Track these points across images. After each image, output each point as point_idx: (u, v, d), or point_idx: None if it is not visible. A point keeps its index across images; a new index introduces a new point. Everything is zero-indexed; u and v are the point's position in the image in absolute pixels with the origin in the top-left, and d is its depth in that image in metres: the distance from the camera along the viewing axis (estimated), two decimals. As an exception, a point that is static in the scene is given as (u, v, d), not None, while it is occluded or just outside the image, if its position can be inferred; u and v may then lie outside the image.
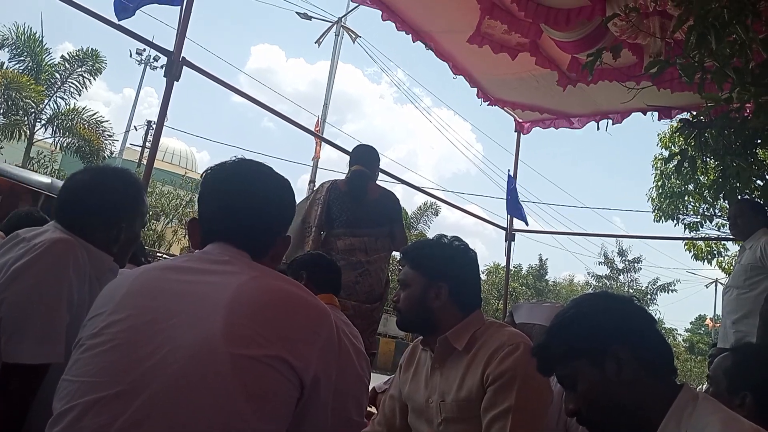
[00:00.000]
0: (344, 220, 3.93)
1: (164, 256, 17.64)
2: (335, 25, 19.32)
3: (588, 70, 3.20)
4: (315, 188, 4.23)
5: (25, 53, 18.07)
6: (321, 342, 1.21)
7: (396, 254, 4.24)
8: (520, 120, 6.77)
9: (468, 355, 1.85)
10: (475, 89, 6.00)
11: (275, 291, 1.22)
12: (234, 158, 1.40)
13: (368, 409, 3.82)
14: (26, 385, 1.47)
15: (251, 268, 1.26)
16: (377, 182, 4.17)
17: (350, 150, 4.45)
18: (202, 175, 1.44)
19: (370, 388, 3.85)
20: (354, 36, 19.41)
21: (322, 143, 16.31)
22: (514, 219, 6.78)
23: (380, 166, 4.29)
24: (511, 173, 6.88)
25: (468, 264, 1.99)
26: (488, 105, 6.20)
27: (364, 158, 4.13)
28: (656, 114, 5.72)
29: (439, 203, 24.58)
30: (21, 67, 18.00)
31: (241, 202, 1.33)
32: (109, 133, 19.28)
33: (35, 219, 2.59)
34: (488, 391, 1.75)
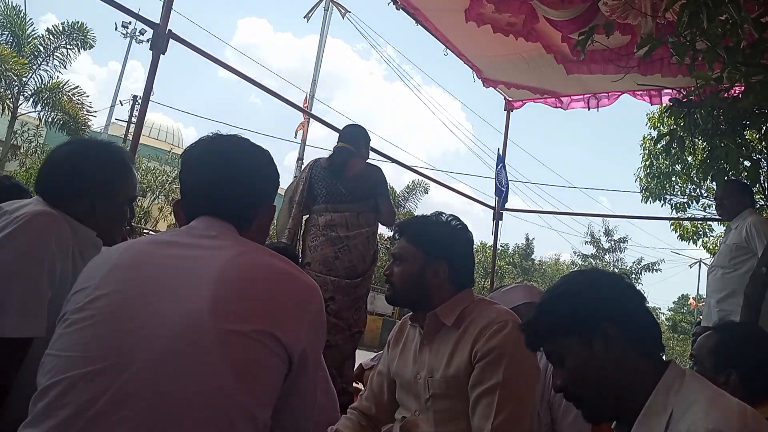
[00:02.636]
0: (325, 196, 3.94)
1: (150, 232, 17.56)
2: (324, 0, 19.07)
3: (580, 49, 3.17)
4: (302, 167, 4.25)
5: (6, 26, 17.70)
6: (309, 317, 1.20)
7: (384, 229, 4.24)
8: (510, 99, 6.76)
9: (457, 331, 1.86)
10: (467, 68, 5.98)
11: (263, 266, 1.21)
12: (211, 134, 1.40)
13: (355, 385, 3.85)
14: (8, 359, 1.45)
15: (239, 243, 1.25)
16: (368, 161, 4.15)
17: (339, 127, 4.44)
18: (181, 154, 1.43)
19: (357, 364, 3.88)
20: (343, 11, 19.19)
21: (309, 122, 16.21)
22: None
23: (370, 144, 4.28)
24: (500, 152, 6.88)
25: (466, 244, 2.01)
26: (484, 85, 6.18)
27: (348, 136, 4.15)
28: (645, 94, 5.74)
29: (428, 181, 24.55)
30: (2, 40, 17.66)
31: (219, 175, 1.33)
32: (89, 108, 19.02)
33: (7, 187, 2.49)
34: (476, 367, 1.76)
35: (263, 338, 1.11)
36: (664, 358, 1.31)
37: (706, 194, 9.81)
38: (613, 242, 35.95)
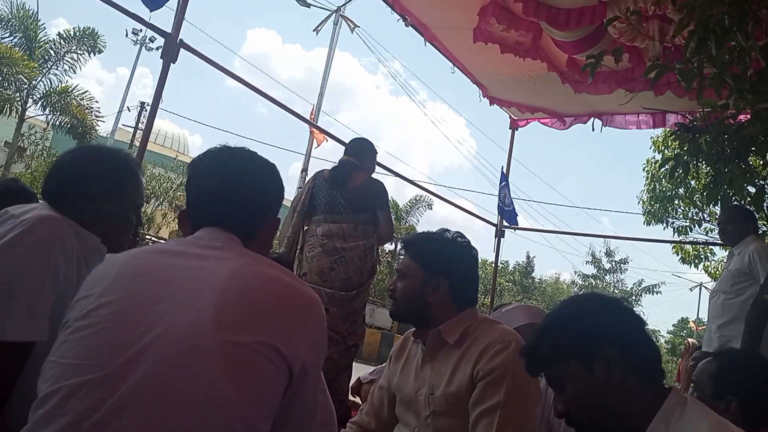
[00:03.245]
0: (324, 207, 3.95)
1: (153, 239, 17.57)
2: (334, 14, 19.20)
3: (589, 72, 3.18)
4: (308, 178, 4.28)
5: (19, 29, 17.84)
6: (311, 330, 1.20)
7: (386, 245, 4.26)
8: (515, 118, 6.78)
9: (459, 349, 1.86)
10: (473, 85, 6.01)
11: (266, 278, 1.21)
12: (218, 146, 1.41)
13: (352, 398, 3.83)
14: (9, 363, 1.45)
15: (243, 255, 1.26)
16: (373, 175, 4.17)
17: (344, 139, 4.47)
18: (188, 165, 1.44)
19: (355, 378, 3.87)
20: (352, 26, 19.30)
21: (324, 134, 16.23)
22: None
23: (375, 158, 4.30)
24: (504, 170, 6.89)
25: (469, 262, 2.00)
26: (490, 104, 6.21)
27: (354, 149, 4.17)
28: (650, 118, 5.77)
29: (431, 196, 24.53)
30: (13, 42, 17.80)
31: (225, 187, 1.34)
32: (98, 114, 19.13)
33: (14, 190, 2.49)
34: (477, 386, 1.76)
35: (265, 350, 1.11)
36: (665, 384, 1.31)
37: (708, 218, 9.83)
38: (614, 263, 35.91)
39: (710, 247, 10.44)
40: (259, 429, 1.11)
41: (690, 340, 10.12)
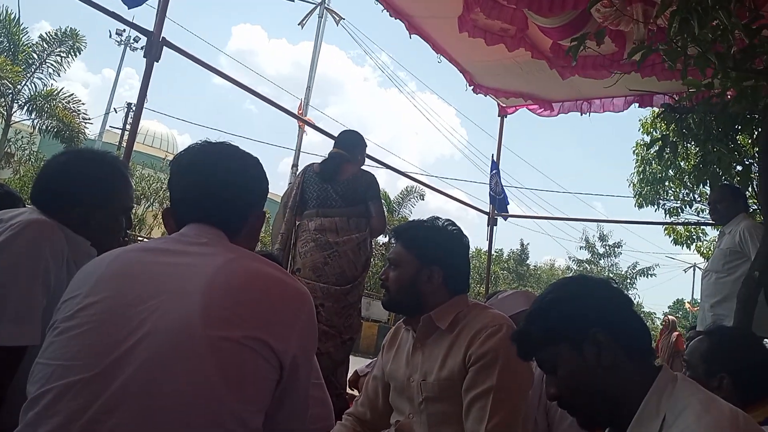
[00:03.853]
0: (315, 201, 3.93)
1: (145, 239, 17.50)
2: (319, 7, 19.10)
3: (572, 55, 3.18)
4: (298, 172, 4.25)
5: (1, 34, 17.68)
6: (300, 324, 1.20)
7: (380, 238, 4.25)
8: (504, 105, 6.79)
9: (451, 335, 1.86)
10: (461, 75, 6.01)
11: (254, 273, 1.20)
12: (199, 142, 1.40)
13: (350, 391, 3.83)
14: (2, 367, 1.44)
15: (229, 250, 1.25)
16: (363, 167, 4.14)
17: (334, 134, 4.45)
18: (170, 162, 1.43)
19: (352, 371, 3.87)
20: (337, 18, 19.21)
21: (314, 128, 16.17)
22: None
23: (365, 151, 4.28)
24: (494, 158, 6.89)
25: (461, 249, 2.00)
26: (474, 92, 6.19)
27: (343, 142, 4.14)
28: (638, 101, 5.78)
29: (423, 187, 24.49)
30: (-3, 48, 17.66)
31: (208, 182, 1.33)
32: (85, 116, 18.99)
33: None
34: (470, 371, 1.76)
35: (254, 344, 1.11)
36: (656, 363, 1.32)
37: (699, 199, 9.85)
38: (607, 247, 36.05)
39: (702, 227, 10.49)
40: (251, 423, 1.11)
41: (669, 317, 10.21)
